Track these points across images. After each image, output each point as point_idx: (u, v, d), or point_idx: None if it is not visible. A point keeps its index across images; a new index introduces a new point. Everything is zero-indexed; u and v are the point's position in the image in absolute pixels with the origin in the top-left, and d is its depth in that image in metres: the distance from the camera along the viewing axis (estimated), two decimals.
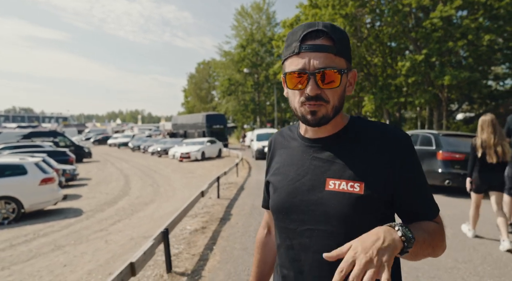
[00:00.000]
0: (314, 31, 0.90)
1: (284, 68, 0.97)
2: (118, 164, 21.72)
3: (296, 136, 1.09)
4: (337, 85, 0.91)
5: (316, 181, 0.97)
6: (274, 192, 1.06)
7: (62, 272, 4.49)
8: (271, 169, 1.13)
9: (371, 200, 0.92)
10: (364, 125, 1.02)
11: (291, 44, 0.93)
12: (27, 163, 7.97)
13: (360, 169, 0.94)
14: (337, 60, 0.91)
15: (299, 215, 0.98)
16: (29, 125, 60.95)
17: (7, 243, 6.05)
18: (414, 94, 17.17)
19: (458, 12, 15.32)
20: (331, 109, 0.93)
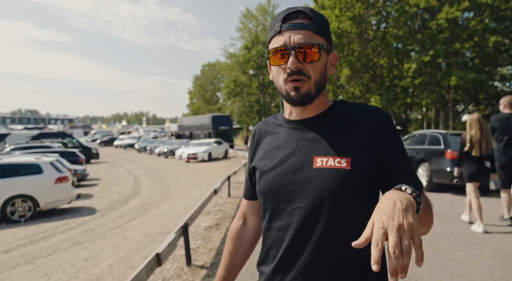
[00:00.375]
0: (294, 12, 0.95)
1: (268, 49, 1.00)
2: (126, 165, 21.93)
3: (281, 122, 1.11)
4: (316, 59, 0.94)
5: (304, 160, 0.98)
6: (260, 176, 1.06)
7: (84, 266, 4.65)
8: (256, 156, 1.13)
9: (358, 175, 0.94)
10: (347, 105, 1.05)
11: (273, 26, 0.98)
12: (42, 163, 8.16)
13: (346, 146, 0.95)
14: (316, 38, 0.94)
15: (288, 195, 0.98)
16: (36, 126, 61.58)
17: (26, 239, 6.22)
18: (420, 95, 17.24)
19: (464, 14, 15.35)
20: (313, 85, 0.95)
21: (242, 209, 1.26)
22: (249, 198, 1.22)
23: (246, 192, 1.23)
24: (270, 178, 1.02)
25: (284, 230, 0.98)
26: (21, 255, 5.29)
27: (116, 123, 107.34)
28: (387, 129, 0.99)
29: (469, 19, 15.50)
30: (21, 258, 5.17)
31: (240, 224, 1.24)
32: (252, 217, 1.23)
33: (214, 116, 33.19)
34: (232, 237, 1.23)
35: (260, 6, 43.07)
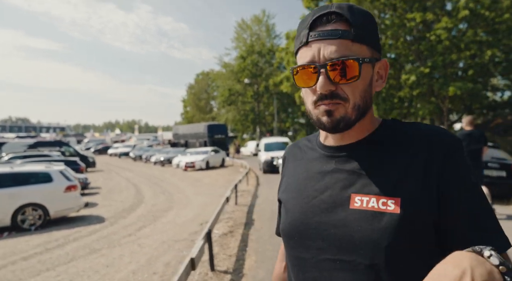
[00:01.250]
0: (325, 15, 0.74)
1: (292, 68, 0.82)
2: (123, 174, 21.88)
3: (315, 146, 0.92)
4: (355, 78, 0.73)
5: (338, 198, 0.78)
6: (285, 213, 0.88)
7: (107, 272, 4.74)
8: (282, 185, 0.96)
9: (410, 222, 0.70)
10: (399, 127, 0.83)
11: (300, 33, 0.78)
12: (52, 171, 8.23)
13: (395, 182, 0.74)
14: (355, 48, 0.73)
15: (316, 241, 0.78)
16: (28, 135, 60.92)
17: (41, 247, 6.28)
18: (417, 106, 17.65)
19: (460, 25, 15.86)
20: (351, 109, 0.75)
21: (282, 249, 1.05)
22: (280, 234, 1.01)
23: (277, 227, 1.02)
24: (296, 217, 0.83)
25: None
26: (40, 263, 5.35)
27: (109, 132, 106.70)
28: (455, 158, 0.74)
29: (463, 30, 16.00)
30: (41, 265, 5.23)
31: (283, 268, 1.05)
32: None
33: (210, 125, 33.34)
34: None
35: (254, 17, 43.70)
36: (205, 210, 8.83)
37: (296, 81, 0.80)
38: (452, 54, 14.93)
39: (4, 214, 7.44)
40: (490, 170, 7.65)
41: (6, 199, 7.49)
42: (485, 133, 6.42)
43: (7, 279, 4.72)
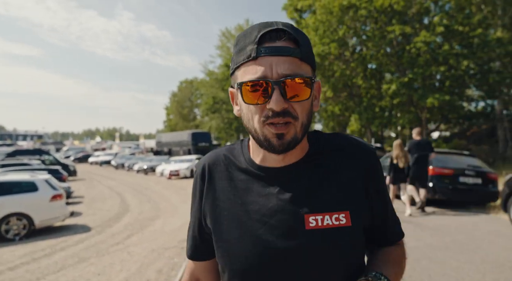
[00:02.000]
0: (273, 31, 0.72)
1: (235, 78, 0.77)
2: (105, 182, 21.58)
3: (245, 165, 0.85)
4: (306, 97, 0.73)
5: (292, 221, 0.76)
6: (230, 246, 0.80)
7: (99, 280, 4.76)
8: (212, 208, 0.85)
9: (359, 229, 0.79)
10: (328, 142, 0.86)
11: (244, 48, 0.74)
12: (38, 180, 8.14)
13: (340, 196, 0.79)
14: (303, 67, 0.74)
15: (277, 275, 0.76)
16: (4, 143, 59.18)
17: (28, 257, 6.20)
18: (396, 115, 18.24)
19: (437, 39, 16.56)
20: (300, 129, 0.75)
21: (191, 272, 0.97)
22: (197, 259, 0.94)
23: (192, 251, 0.94)
24: (247, 253, 0.78)
25: None
26: (29, 272, 5.30)
27: (89, 139, 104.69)
28: (376, 168, 0.86)
29: (439, 44, 16.71)
30: (30, 275, 5.19)
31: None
32: (206, 279, 0.96)
33: (194, 133, 33.35)
34: None
35: (238, 26, 44.20)
36: None
37: (244, 97, 0.74)
38: (431, 67, 15.58)
39: None
40: (467, 178, 8.02)
41: None
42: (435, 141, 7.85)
43: None
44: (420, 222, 6.85)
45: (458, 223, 6.78)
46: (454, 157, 8.91)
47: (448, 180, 8.09)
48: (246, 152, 0.87)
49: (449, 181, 8.07)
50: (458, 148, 18.96)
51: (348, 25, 18.14)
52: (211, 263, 0.93)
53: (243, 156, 0.87)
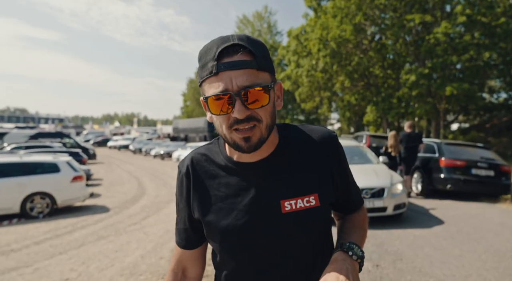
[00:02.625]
0: (230, 46, 0.80)
1: (203, 92, 0.86)
2: (124, 166, 22.17)
3: (223, 162, 0.96)
4: (266, 103, 0.82)
5: (270, 208, 0.89)
6: (219, 234, 0.92)
7: (116, 256, 5.08)
8: (200, 203, 0.97)
9: (326, 207, 0.93)
10: (295, 134, 0.98)
11: (206, 64, 0.82)
12: (60, 162, 8.54)
13: (309, 180, 0.92)
14: (261, 75, 0.82)
15: (260, 253, 0.91)
16: (27, 126, 61.09)
17: (51, 233, 6.61)
18: (414, 106, 18.00)
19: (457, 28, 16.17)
20: (265, 129, 0.85)
21: (178, 260, 1.08)
22: (188, 248, 1.05)
23: (184, 241, 1.05)
24: (234, 235, 0.90)
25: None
26: (52, 247, 5.68)
27: (108, 124, 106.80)
28: (338, 150, 0.99)
29: (461, 33, 16.31)
30: (53, 249, 5.56)
31: (180, 278, 1.07)
32: (193, 267, 1.08)
33: None
34: None
35: (256, 13, 43.92)
36: None
37: (211, 109, 0.83)
38: (451, 56, 15.27)
39: (14, 201, 7.76)
40: (479, 170, 8.01)
41: (16, 188, 7.81)
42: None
43: (23, 260, 5.05)
44: (428, 212, 6.93)
45: (467, 214, 6.84)
46: (468, 149, 8.88)
47: (460, 172, 8.10)
48: (223, 150, 0.98)
49: (461, 173, 8.08)
50: (476, 140, 18.64)
51: (366, 12, 17.87)
52: (199, 250, 1.06)
53: (221, 154, 0.98)
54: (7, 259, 5.14)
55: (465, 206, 7.54)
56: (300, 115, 40.84)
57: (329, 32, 18.95)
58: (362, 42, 19.98)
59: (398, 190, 6.12)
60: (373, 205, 5.87)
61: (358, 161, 7.35)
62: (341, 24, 18.28)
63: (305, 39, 22.32)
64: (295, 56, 23.73)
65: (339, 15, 18.34)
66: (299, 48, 23.21)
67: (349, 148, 7.71)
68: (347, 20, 18.16)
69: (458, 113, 21.84)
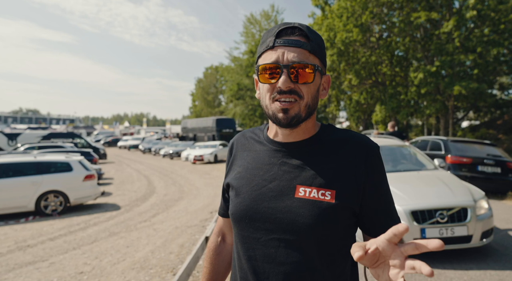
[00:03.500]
0: (290, 28, 0.90)
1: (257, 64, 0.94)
2: (134, 165, 22.49)
3: (262, 139, 1.05)
4: (311, 81, 0.89)
5: (285, 188, 0.93)
6: (236, 197, 0.99)
7: (127, 251, 5.27)
8: (231, 172, 1.07)
9: (341, 209, 0.90)
10: (335, 132, 1.01)
11: (266, 40, 0.92)
12: (72, 161, 8.79)
13: (331, 177, 0.91)
14: (311, 58, 0.90)
15: (265, 223, 0.92)
16: (39, 126, 62.18)
17: (65, 230, 6.84)
18: (423, 104, 17.91)
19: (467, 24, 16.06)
20: (304, 107, 0.90)
21: (219, 226, 1.21)
22: (225, 216, 1.17)
23: (222, 210, 1.18)
24: (247, 202, 0.96)
25: (258, 261, 0.94)
26: (66, 243, 5.90)
27: (118, 124, 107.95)
28: (376, 162, 0.96)
29: (470, 29, 16.18)
30: (67, 245, 5.78)
31: (219, 242, 1.20)
32: (230, 234, 1.18)
33: (218, 119, 33.83)
34: (212, 255, 1.19)
35: (263, 12, 43.92)
36: (214, 200, 9.34)
37: (259, 77, 0.92)
38: (461, 55, 15.17)
39: (29, 200, 8.02)
40: (486, 167, 8.03)
41: (31, 186, 8.07)
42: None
43: (39, 255, 5.27)
44: None
45: None
46: (474, 146, 8.88)
47: (466, 169, 8.12)
48: (265, 130, 1.08)
49: (467, 170, 8.10)
50: (487, 137, 18.48)
51: (372, 11, 17.84)
52: None
53: (262, 133, 1.07)
54: (24, 254, 5.36)
55: None
56: None
57: (335, 34, 18.95)
58: (370, 40, 19.94)
59: (484, 209, 4.40)
60: (452, 234, 4.09)
61: (409, 166, 5.74)
62: (347, 25, 18.26)
63: None
64: None
65: (345, 15, 18.33)
66: None
67: (391, 148, 6.11)
68: (352, 19, 18.14)
69: (467, 110, 21.66)
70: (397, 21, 17.51)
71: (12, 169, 8.17)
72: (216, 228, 1.22)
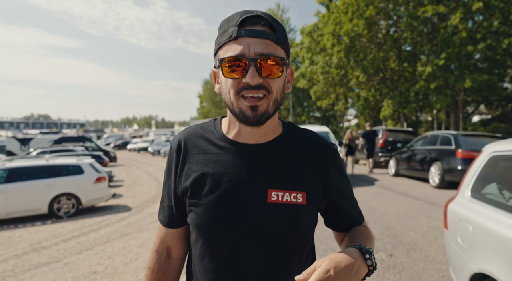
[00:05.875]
0: (253, 17, 0.82)
1: (218, 57, 0.87)
2: (143, 167, 22.67)
3: (218, 140, 0.95)
4: (280, 75, 0.83)
5: (256, 193, 0.87)
6: (200, 207, 0.89)
7: (139, 251, 5.33)
8: (184, 177, 0.94)
9: (311, 210, 0.91)
10: (299, 134, 0.99)
11: (227, 29, 0.84)
12: (83, 164, 8.91)
13: (301, 178, 0.90)
14: (278, 50, 0.84)
15: (237, 233, 0.87)
16: (50, 131, 63.01)
17: (78, 231, 6.94)
18: (433, 99, 17.72)
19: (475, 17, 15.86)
20: (272, 103, 0.85)
21: (162, 240, 1.05)
22: (172, 226, 1.02)
23: (168, 219, 1.02)
24: (214, 211, 0.88)
25: (231, 274, 0.88)
26: (79, 244, 5.99)
27: (127, 127, 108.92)
28: (337, 163, 0.98)
29: (479, 22, 15.98)
30: (80, 246, 5.87)
31: (164, 259, 1.04)
32: (177, 247, 1.05)
33: (225, 120, 33.89)
34: (156, 277, 1.03)
35: (269, 10, 43.92)
36: None
37: (223, 72, 0.83)
38: (468, 46, 14.97)
39: (42, 202, 8.16)
40: None
41: (44, 189, 8.21)
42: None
43: (53, 256, 5.37)
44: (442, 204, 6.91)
45: None
46: (485, 140, 8.72)
47: None
48: (219, 128, 0.97)
49: None
50: (498, 131, 18.25)
51: (377, 5, 17.73)
52: (182, 230, 1.02)
53: (216, 132, 0.96)
54: (39, 255, 5.46)
55: None
56: (316, 112, 40.68)
57: (342, 27, 18.87)
58: (377, 35, 19.81)
59: None
60: None
61: None
62: (352, 19, 18.19)
63: (318, 35, 22.28)
64: (309, 53, 23.69)
65: (350, 10, 18.25)
66: (312, 45, 23.18)
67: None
68: (358, 14, 18.06)
69: (478, 104, 21.37)
70: (403, 15, 17.36)
71: (25, 173, 8.33)
72: (157, 243, 1.05)
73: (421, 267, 3.90)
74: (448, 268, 3.83)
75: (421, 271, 3.81)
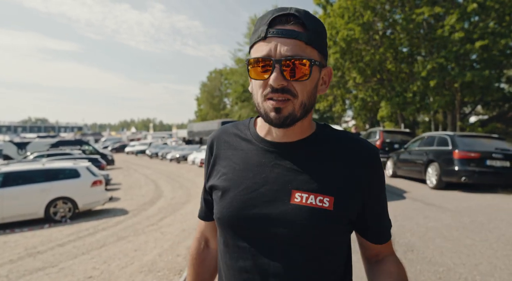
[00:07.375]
0: (284, 15, 0.79)
1: (250, 56, 0.85)
2: (141, 171, 22.63)
3: (249, 137, 0.94)
4: (306, 78, 0.79)
5: (279, 192, 0.84)
6: (222, 202, 0.89)
7: (135, 255, 5.29)
8: (215, 173, 0.95)
9: (339, 217, 0.83)
10: (333, 134, 0.92)
11: (258, 28, 0.81)
12: (80, 167, 8.87)
13: (330, 182, 0.84)
14: (308, 50, 0.79)
15: (256, 231, 0.84)
16: (48, 135, 63.00)
17: (74, 235, 6.90)
18: (430, 100, 17.76)
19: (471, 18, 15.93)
20: (298, 106, 0.81)
21: (200, 230, 1.11)
22: (207, 219, 1.07)
23: (203, 213, 1.07)
24: (235, 208, 0.86)
25: (250, 272, 0.85)
26: (75, 248, 5.96)
27: (125, 130, 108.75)
28: (376, 169, 0.90)
29: (474, 23, 16.03)
30: (76, 250, 5.83)
31: (202, 248, 1.10)
32: (214, 238, 1.09)
33: (224, 122, 33.85)
34: (196, 263, 1.09)
35: (266, 11, 44.01)
36: None
37: (250, 72, 0.83)
38: (467, 44, 15.03)
39: (39, 206, 8.12)
40: (494, 161, 7.94)
41: (40, 193, 8.17)
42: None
43: (49, 261, 5.33)
44: (442, 205, 6.92)
45: (481, 205, 6.80)
46: (482, 140, 8.79)
47: (474, 164, 8.03)
48: (252, 126, 0.96)
49: (476, 165, 8.00)
50: (496, 131, 18.26)
51: (374, 7, 17.77)
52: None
53: (248, 130, 0.96)
54: (34, 260, 5.43)
55: (480, 198, 7.49)
56: (314, 114, 40.76)
57: (337, 32, 18.90)
58: (373, 37, 19.85)
59: None
60: None
61: None
62: (348, 24, 18.23)
63: None
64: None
65: (346, 14, 18.29)
66: None
67: None
68: (354, 19, 18.10)
69: (475, 105, 21.43)
70: (399, 18, 17.41)
71: (21, 177, 8.29)
72: (197, 233, 1.12)
73: (417, 269, 3.89)
74: (445, 270, 3.82)
75: (417, 273, 3.79)
